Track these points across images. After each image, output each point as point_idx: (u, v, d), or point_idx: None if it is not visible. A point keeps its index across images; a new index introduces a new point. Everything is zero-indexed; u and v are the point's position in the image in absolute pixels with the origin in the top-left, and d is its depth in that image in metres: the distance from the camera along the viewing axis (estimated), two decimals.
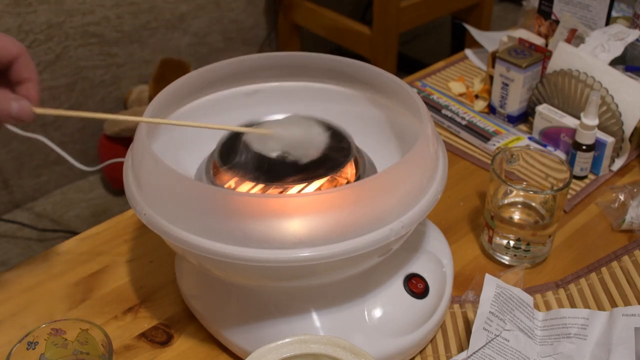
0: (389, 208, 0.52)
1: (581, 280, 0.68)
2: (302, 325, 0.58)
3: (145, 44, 1.72)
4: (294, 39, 1.97)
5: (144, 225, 0.56)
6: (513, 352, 0.58)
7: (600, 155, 0.84)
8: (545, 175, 0.73)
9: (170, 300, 0.68)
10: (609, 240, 0.76)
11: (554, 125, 0.87)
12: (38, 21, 1.50)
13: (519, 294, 0.62)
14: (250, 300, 0.60)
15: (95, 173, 1.70)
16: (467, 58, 1.14)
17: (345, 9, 2.09)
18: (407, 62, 2.04)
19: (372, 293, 0.59)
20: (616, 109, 0.83)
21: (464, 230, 0.77)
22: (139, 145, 0.56)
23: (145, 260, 0.73)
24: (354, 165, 0.62)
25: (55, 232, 1.55)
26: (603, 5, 0.92)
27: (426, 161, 0.56)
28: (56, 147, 1.29)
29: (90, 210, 1.62)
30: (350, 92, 0.70)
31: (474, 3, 1.91)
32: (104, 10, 1.60)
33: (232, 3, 1.86)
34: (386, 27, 1.66)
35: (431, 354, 0.62)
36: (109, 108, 1.70)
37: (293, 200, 0.51)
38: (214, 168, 0.61)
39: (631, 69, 0.90)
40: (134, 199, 0.56)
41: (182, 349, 0.63)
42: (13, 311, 0.67)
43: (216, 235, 0.51)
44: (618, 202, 0.78)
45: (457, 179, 0.86)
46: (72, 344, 0.55)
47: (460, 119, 0.95)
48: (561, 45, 0.88)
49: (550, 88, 0.90)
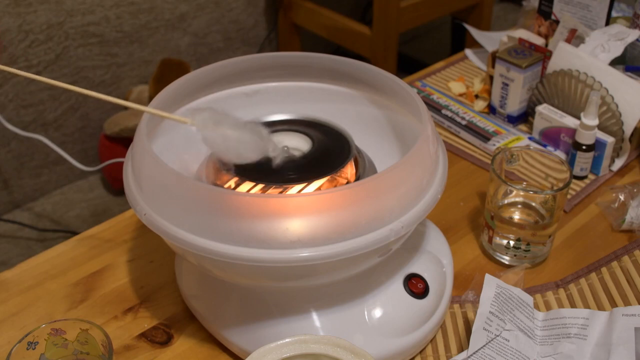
0: (389, 208, 0.52)
1: (581, 280, 0.68)
2: (302, 325, 0.58)
3: (145, 44, 1.72)
4: (294, 39, 1.97)
5: (144, 225, 0.56)
6: (513, 352, 0.58)
7: (600, 155, 0.84)
8: (545, 175, 0.73)
9: (170, 300, 0.68)
10: (609, 240, 0.76)
11: (554, 125, 0.87)
12: (38, 21, 1.50)
13: (519, 294, 0.62)
14: (250, 300, 0.60)
15: (95, 173, 1.70)
16: (467, 58, 1.14)
17: (345, 9, 2.09)
18: (407, 62, 2.05)
19: (372, 293, 0.59)
20: (616, 109, 0.83)
21: (464, 230, 0.77)
22: (139, 145, 0.56)
23: (145, 260, 0.73)
24: (354, 165, 0.62)
25: (55, 232, 1.55)
26: (603, 5, 0.92)
27: (426, 161, 0.56)
28: (56, 147, 1.29)
29: (90, 210, 1.62)
30: (350, 92, 0.70)
31: (474, 3, 1.91)
32: (104, 10, 1.60)
33: (232, 3, 1.86)
34: (386, 27, 1.66)
35: (431, 354, 0.62)
36: (109, 108, 1.70)
37: (293, 200, 0.51)
38: (214, 168, 0.61)
39: (631, 69, 0.90)
40: (134, 199, 0.56)
41: (182, 349, 0.63)
42: (13, 311, 0.67)
43: (216, 235, 0.51)
44: (618, 202, 0.78)
45: (457, 179, 0.86)
46: (72, 344, 0.55)
47: (460, 119, 0.95)
48: (561, 45, 0.88)
49: (550, 88, 0.90)
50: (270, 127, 0.65)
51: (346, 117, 0.68)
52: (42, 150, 1.60)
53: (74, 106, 1.64)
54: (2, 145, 1.55)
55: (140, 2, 1.66)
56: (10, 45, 1.48)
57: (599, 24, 0.94)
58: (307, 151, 0.62)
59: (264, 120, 0.67)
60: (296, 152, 0.63)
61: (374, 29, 1.69)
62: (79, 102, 1.64)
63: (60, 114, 1.62)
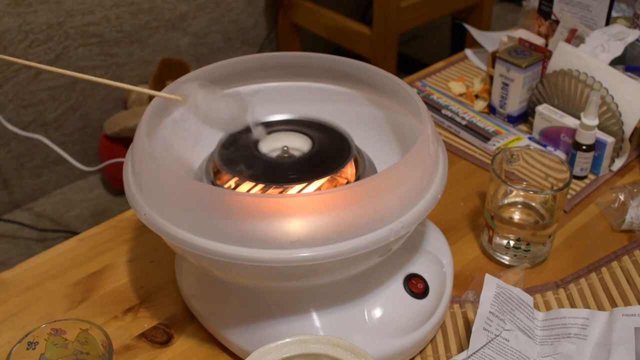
0: (389, 208, 0.52)
1: (581, 280, 0.68)
2: (302, 325, 0.58)
3: (145, 44, 1.72)
4: (294, 39, 1.97)
5: (144, 225, 0.56)
6: (513, 352, 0.58)
7: (600, 155, 0.84)
8: (545, 175, 0.73)
9: (170, 300, 0.68)
10: (609, 240, 0.76)
11: (554, 125, 0.87)
12: (38, 21, 1.50)
13: (519, 294, 0.62)
14: (250, 300, 0.60)
15: (95, 173, 1.70)
16: (467, 58, 1.14)
17: (345, 9, 2.09)
18: (407, 62, 2.05)
19: (372, 293, 0.59)
20: (616, 109, 0.83)
21: (464, 230, 0.77)
22: (139, 145, 0.56)
23: (145, 260, 0.73)
24: (354, 165, 0.62)
25: (55, 232, 1.55)
26: (603, 5, 0.92)
27: (426, 161, 0.56)
28: (56, 147, 1.29)
29: (90, 210, 1.62)
30: (350, 92, 0.70)
31: (474, 3, 1.91)
32: (104, 10, 1.60)
33: (232, 3, 1.86)
34: (386, 27, 1.66)
35: (431, 354, 0.62)
36: (109, 108, 1.70)
37: (293, 200, 0.51)
38: (214, 168, 0.61)
39: (631, 69, 0.90)
40: (134, 199, 0.56)
41: (182, 349, 0.63)
42: (13, 311, 0.67)
43: (216, 235, 0.51)
44: (618, 202, 0.78)
45: (457, 179, 0.86)
46: (72, 344, 0.55)
47: (460, 119, 0.95)
48: (561, 45, 0.88)
49: (550, 88, 0.90)
50: (270, 127, 0.66)
51: (346, 117, 0.68)
52: (42, 150, 1.60)
53: (74, 106, 1.64)
54: (2, 145, 1.55)
55: (140, 2, 1.66)
56: (10, 45, 1.48)
57: (599, 24, 0.94)
58: (307, 151, 0.62)
59: (264, 121, 0.67)
60: (296, 152, 0.63)
61: (374, 29, 1.69)
62: (79, 102, 1.64)
63: (60, 114, 1.62)
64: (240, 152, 0.62)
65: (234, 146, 0.63)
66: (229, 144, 0.63)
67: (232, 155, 0.61)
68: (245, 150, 0.62)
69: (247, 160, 0.61)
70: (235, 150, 0.62)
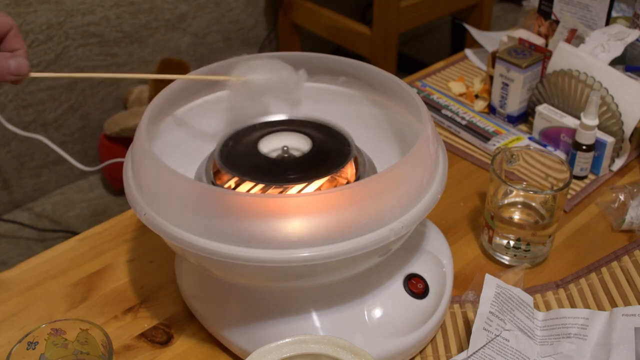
0: (389, 208, 0.52)
1: (581, 280, 0.68)
2: (302, 325, 0.58)
3: (145, 44, 1.72)
4: (294, 39, 1.97)
5: (144, 225, 0.56)
6: (513, 352, 0.58)
7: (600, 155, 0.84)
8: (545, 175, 0.73)
9: (170, 300, 0.68)
10: (609, 240, 0.76)
11: (554, 125, 0.87)
12: (38, 21, 1.50)
13: (519, 294, 0.62)
14: (250, 300, 0.60)
15: (95, 173, 1.70)
16: (467, 58, 1.14)
17: (345, 9, 2.09)
18: (407, 62, 2.05)
19: (372, 293, 0.59)
20: (616, 109, 0.83)
21: (464, 230, 0.77)
22: (139, 145, 0.56)
23: (145, 260, 0.73)
24: (354, 165, 0.62)
25: (55, 232, 1.55)
26: (603, 5, 0.92)
27: (426, 161, 0.56)
28: (56, 147, 1.29)
29: (90, 210, 1.62)
30: (350, 92, 0.70)
31: (474, 3, 1.91)
32: (104, 10, 1.60)
33: (232, 3, 1.86)
34: (386, 27, 1.66)
35: (431, 354, 0.62)
36: (109, 108, 1.70)
37: (293, 200, 0.51)
38: (214, 168, 0.61)
39: (631, 69, 0.90)
40: (134, 199, 0.56)
41: (182, 349, 0.63)
42: (13, 311, 0.67)
43: (216, 235, 0.51)
44: (618, 202, 0.78)
45: (457, 179, 0.86)
46: (72, 344, 0.55)
47: (460, 119, 0.95)
48: (561, 45, 0.88)
49: (550, 88, 0.90)
50: (270, 127, 0.66)
51: (346, 117, 0.68)
52: (42, 150, 1.60)
53: (74, 106, 1.64)
54: (2, 145, 1.55)
55: (140, 2, 1.66)
56: None
57: (599, 24, 0.94)
58: (307, 151, 0.62)
59: (264, 121, 0.67)
60: (296, 152, 0.63)
61: (374, 29, 1.69)
62: (79, 102, 1.64)
63: (60, 114, 1.62)
64: (240, 152, 0.62)
65: (234, 146, 0.63)
66: (229, 144, 0.63)
67: (232, 155, 0.61)
68: (245, 150, 0.62)
69: (247, 160, 0.61)
70: (235, 150, 0.62)
